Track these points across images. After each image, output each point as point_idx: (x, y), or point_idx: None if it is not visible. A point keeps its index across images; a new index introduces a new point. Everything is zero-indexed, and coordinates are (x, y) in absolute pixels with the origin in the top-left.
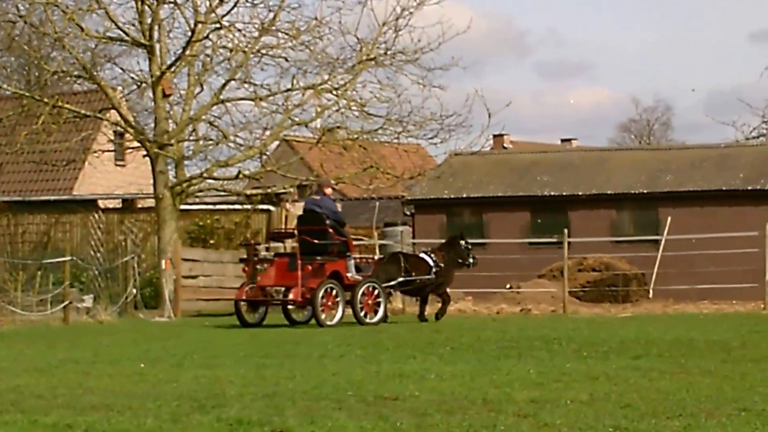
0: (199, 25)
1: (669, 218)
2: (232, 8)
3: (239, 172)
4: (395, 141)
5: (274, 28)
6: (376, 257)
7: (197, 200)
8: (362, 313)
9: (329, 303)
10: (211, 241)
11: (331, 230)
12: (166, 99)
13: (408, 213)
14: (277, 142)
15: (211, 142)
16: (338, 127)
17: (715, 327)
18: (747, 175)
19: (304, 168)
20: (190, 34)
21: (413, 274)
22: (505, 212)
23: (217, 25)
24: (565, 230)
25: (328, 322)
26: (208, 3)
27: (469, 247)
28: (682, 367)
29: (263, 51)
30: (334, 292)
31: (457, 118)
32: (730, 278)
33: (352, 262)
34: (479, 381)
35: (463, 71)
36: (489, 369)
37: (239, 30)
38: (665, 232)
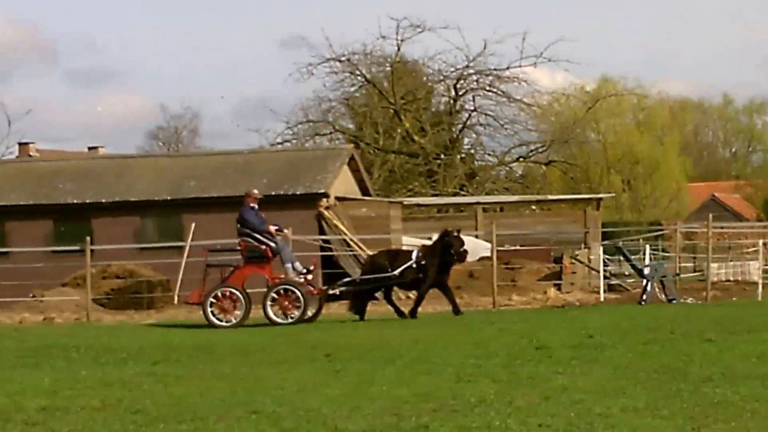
0: None
1: (193, 224)
2: None
3: None
4: None
5: None
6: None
7: None
8: (275, 313)
9: (225, 305)
10: None
11: (240, 237)
12: None
13: None
14: None
15: None
16: None
17: (228, 333)
18: (270, 180)
19: None
20: None
21: (390, 270)
22: (28, 221)
23: None
24: (88, 238)
25: (222, 323)
26: None
27: (452, 242)
28: (199, 371)
29: None
30: (228, 294)
31: None
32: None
33: (289, 264)
34: None
35: None
36: (3, 379)
37: None
38: (189, 238)
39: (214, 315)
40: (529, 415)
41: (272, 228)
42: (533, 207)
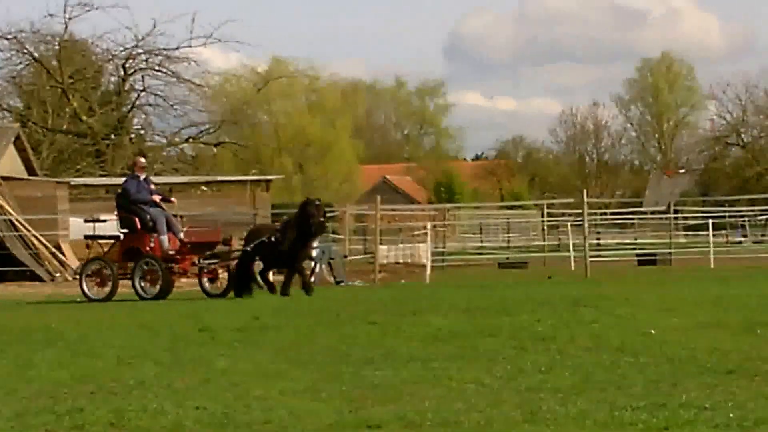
0: None
1: None
2: None
3: None
4: None
5: None
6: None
7: None
8: (140, 287)
9: (98, 279)
10: None
11: (118, 208)
12: None
13: None
14: None
15: None
16: None
17: None
18: None
19: None
20: None
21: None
22: None
23: None
24: None
25: (93, 297)
26: None
27: (314, 212)
28: None
29: None
30: (95, 267)
31: None
32: None
33: (164, 237)
34: None
35: None
36: None
37: None
38: None
39: (88, 288)
40: (186, 398)
41: (156, 197)
42: (203, 188)
